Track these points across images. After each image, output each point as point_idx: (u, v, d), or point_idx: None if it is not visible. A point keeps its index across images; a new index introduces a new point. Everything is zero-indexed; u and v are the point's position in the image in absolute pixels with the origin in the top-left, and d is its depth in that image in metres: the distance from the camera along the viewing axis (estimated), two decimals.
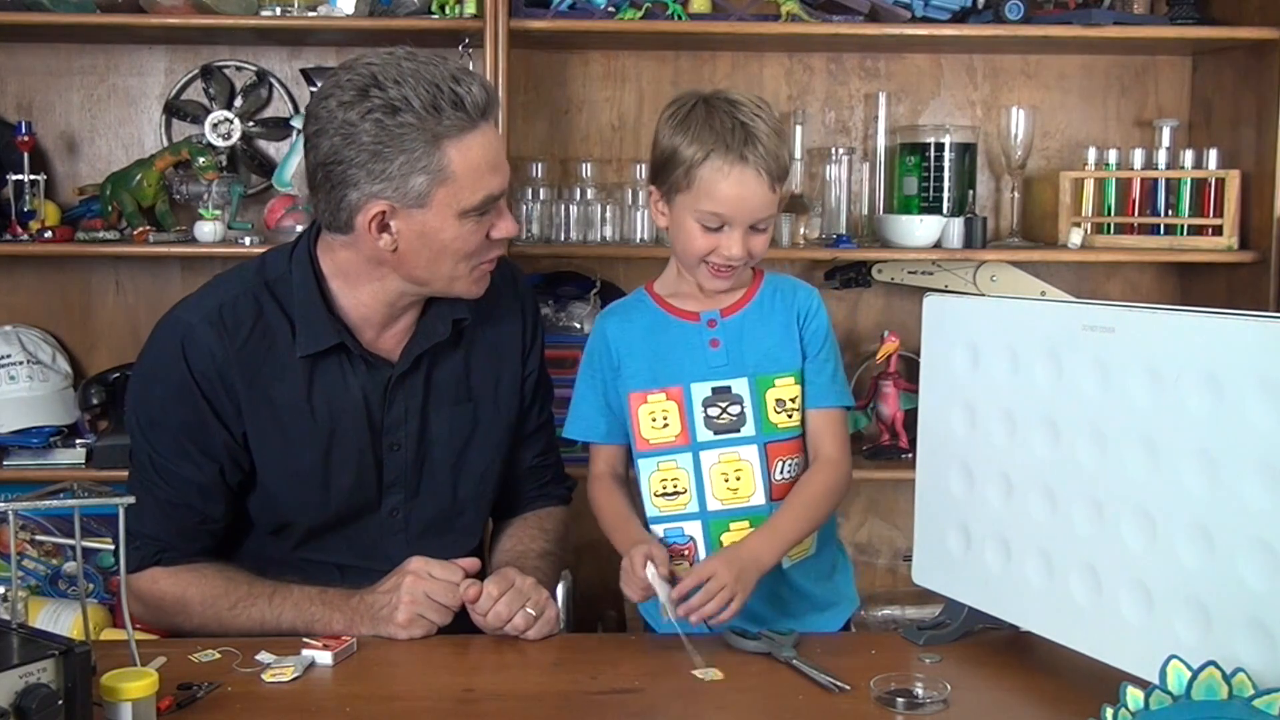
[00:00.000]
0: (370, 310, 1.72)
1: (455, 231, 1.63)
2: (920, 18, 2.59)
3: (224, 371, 1.67)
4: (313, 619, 1.64)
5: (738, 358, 1.72)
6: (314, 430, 1.71)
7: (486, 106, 1.62)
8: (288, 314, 1.70)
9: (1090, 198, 2.73)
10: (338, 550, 1.77)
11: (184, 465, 1.69)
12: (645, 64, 2.81)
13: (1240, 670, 1.12)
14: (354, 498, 1.75)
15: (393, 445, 1.75)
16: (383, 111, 1.56)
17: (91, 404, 2.58)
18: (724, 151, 1.63)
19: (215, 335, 1.67)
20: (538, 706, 1.43)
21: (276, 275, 1.72)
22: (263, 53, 2.75)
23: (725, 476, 1.71)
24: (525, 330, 1.88)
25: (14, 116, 2.68)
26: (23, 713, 1.15)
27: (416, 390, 1.76)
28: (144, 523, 1.69)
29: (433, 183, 1.59)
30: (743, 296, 1.76)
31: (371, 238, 1.63)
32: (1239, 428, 1.24)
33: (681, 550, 1.72)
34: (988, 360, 1.54)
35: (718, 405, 1.71)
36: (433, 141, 1.58)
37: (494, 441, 1.84)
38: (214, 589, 1.69)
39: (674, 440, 1.72)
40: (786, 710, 1.41)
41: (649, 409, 1.73)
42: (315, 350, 1.69)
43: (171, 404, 1.68)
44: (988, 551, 1.55)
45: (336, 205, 1.63)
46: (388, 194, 1.59)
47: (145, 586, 1.71)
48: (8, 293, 2.77)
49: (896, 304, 2.86)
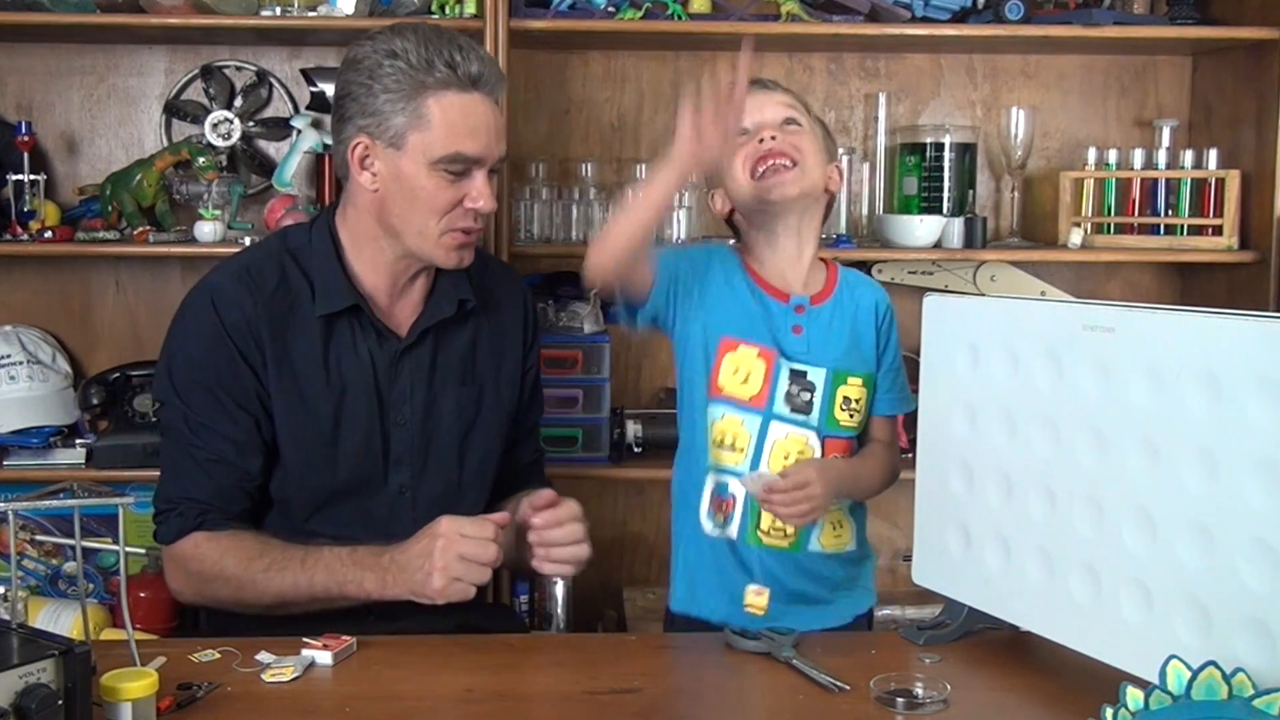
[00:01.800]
0: (378, 276, 1.82)
1: (426, 182, 1.73)
2: (920, 18, 2.59)
3: (252, 323, 1.76)
4: (345, 580, 1.66)
5: (817, 348, 1.76)
6: (327, 390, 1.78)
7: (479, 78, 1.74)
8: (308, 277, 1.81)
9: (1090, 198, 2.73)
10: (348, 525, 1.79)
11: (221, 421, 1.75)
12: (645, 64, 2.81)
13: (1240, 670, 1.12)
14: (360, 468, 1.80)
15: (399, 420, 1.82)
16: (384, 54, 1.73)
17: (91, 404, 2.58)
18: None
19: (244, 289, 1.77)
20: (538, 706, 1.44)
21: (298, 244, 1.84)
22: (263, 53, 2.75)
23: (786, 454, 1.74)
24: (527, 326, 1.96)
25: (14, 116, 2.68)
26: (23, 713, 1.15)
27: (423, 367, 1.83)
28: (184, 486, 1.76)
29: (409, 126, 1.72)
30: (825, 286, 1.80)
31: (358, 173, 1.76)
32: (1239, 427, 1.24)
33: (722, 502, 1.75)
34: (988, 360, 1.54)
35: (796, 384, 1.74)
36: (417, 88, 1.72)
37: (496, 426, 1.90)
38: (250, 552, 1.72)
39: (749, 400, 1.74)
40: (786, 710, 1.41)
41: (735, 358, 1.74)
42: (332, 310, 1.79)
43: (207, 359, 1.76)
44: (988, 551, 1.55)
45: (338, 139, 1.79)
46: (370, 129, 1.74)
47: (189, 551, 1.75)
48: (8, 293, 2.77)
49: (896, 304, 2.81)
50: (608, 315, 2.71)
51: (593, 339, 2.66)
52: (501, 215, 2.48)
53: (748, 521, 1.75)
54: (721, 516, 1.76)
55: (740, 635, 1.57)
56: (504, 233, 2.48)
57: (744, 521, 1.76)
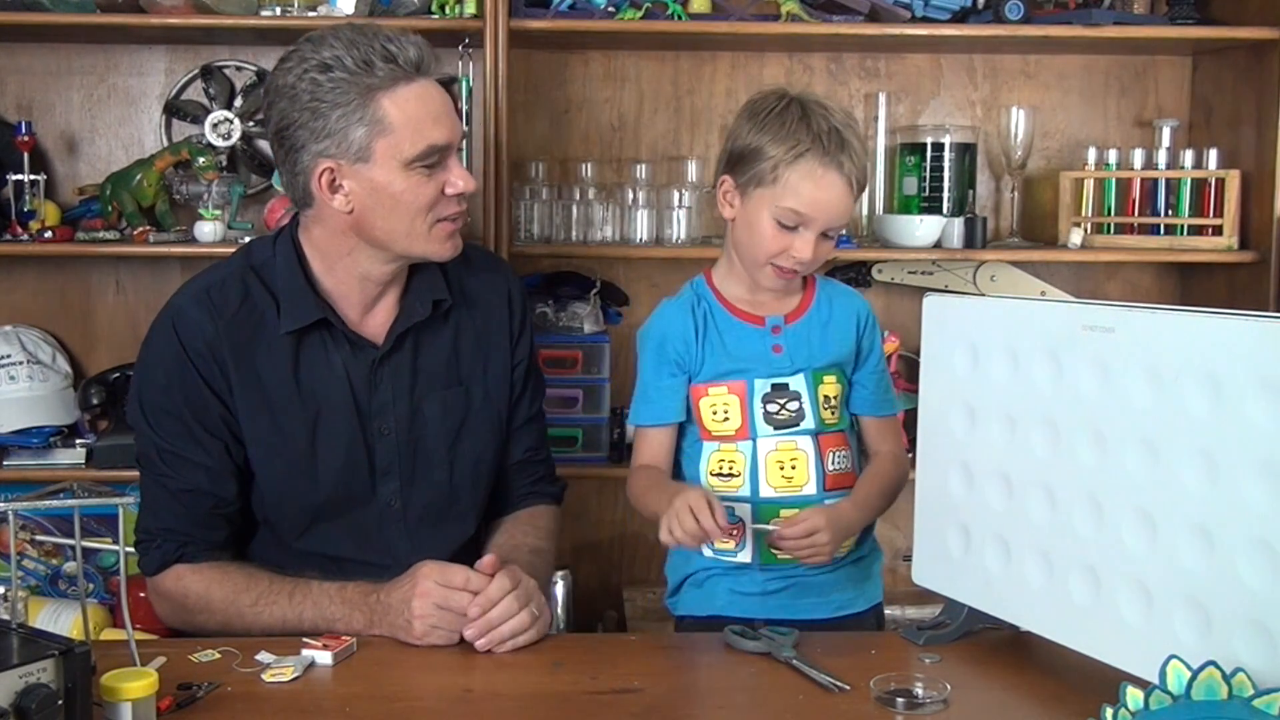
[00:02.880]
0: (348, 288, 1.76)
1: (404, 184, 1.67)
2: (920, 18, 2.59)
3: (214, 347, 1.72)
4: (334, 618, 1.64)
5: (800, 361, 1.75)
6: (301, 409, 1.74)
7: (420, 62, 1.67)
8: (273, 293, 1.75)
9: (1090, 198, 2.73)
10: (338, 542, 1.78)
11: (192, 448, 1.72)
12: (645, 64, 2.81)
13: (1240, 670, 1.12)
14: (345, 483, 1.76)
15: (382, 430, 1.78)
16: (316, 70, 1.64)
17: (91, 404, 2.58)
18: (820, 154, 1.65)
19: (204, 313, 1.73)
20: (538, 706, 1.43)
21: (261, 260, 1.78)
22: (263, 53, 2.75)
23: (781, 465, 1.74)
24: (513, 318, 1.90)
25: (14, 116, 2.68)
26: (23, 713, 1.15)
27: (403, 373, 1.78)
28: (162, 518, 1.73)
29: (371, 135, 1.65)
30: (801, 303, 1.78)
31: (327, 200, 1.68)
32: (1239, 427, 1.24)
33: (730, 529, 1.72)
34: (988, 360, 1.54)
35: (777, 401, 1.74)
36: (366, 93, 1.64)
37: (487, 427, 1.86)
38: (236, 585, 1.70)
39: (733, 434, 1.74)
40: (786, 710, 1.41)
41: (710, 402, 1.75)
42: (299, 326, 1.73)
43: (171, 386, 1.72)
44: (988, 551, 1.55)
45: (293, 173, 1.70)
46: (331, 151, 1.66)
47: (170, 585, 1.73)
48: (8, 293, 2.77)
49: (896, 304, 2.86)
50: (607, 316, 2.72)
51: (593, 339, 2.66)
52: (501, 215, 2.48)
53: (760, 542, 1.74)
54: (733, 544, 1.75)
55: (740, 635, 1.57)
56: (504, 233, 2.48)
57: (757, 543, 1.74)
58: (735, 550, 1.75)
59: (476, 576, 1.58)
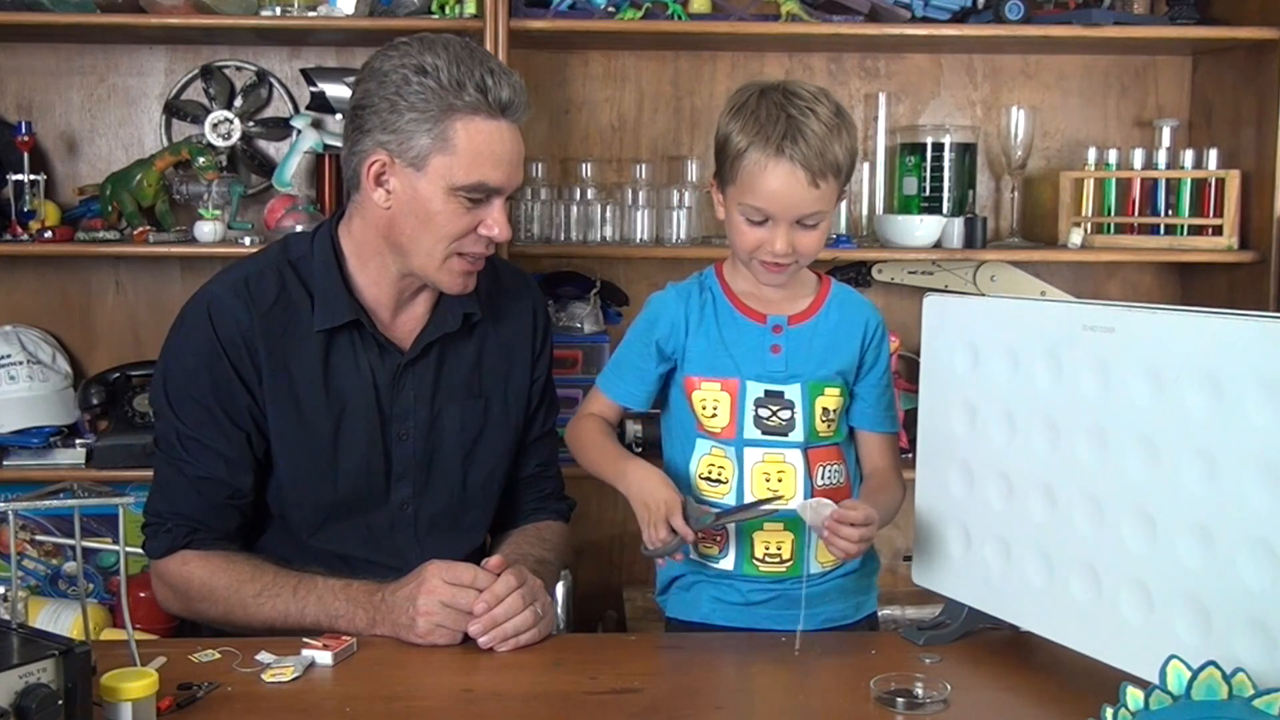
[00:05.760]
0: (380, 290, 1.77)
1: (442, 206, 1.68)
2: (920, 18, 2.59)
3: (248, 337, 1.72)
4: (337, 614, 1.63)
5: (796, 366, 1.70)
6: (326, 406, 1.75)
7: (508, 105, 1.68)
8: (309, 289, 1.76)
9: (1090, 198, 2.73)
10: (349, 542, 1.78)
11: (213, 436, 1.72)
12: (645, 64, 2.81)
13: (1240, 670, 1.12)
14: (362, 484, 1.77)
15: (401, 435, 1.79)
16: (413, 69, 1.65)
17: (91, 404, 2.58)
18: (762, 145, 1.60)
19: (241, 303, 1.73)
20: (538, 706, 1.43)
21: (299, 255, 1.79)
22: (263, 53, 2.75)
23: (767, 476, 1.69)
24: (536, 334, 1.91)
25: (14, 116, 2.68)
26: (23, 713, 1.15)
27: (426, 381, 1.79)
28: (174, 502, 1.73)
29: (433, 148, 1.66)
30: (810, 306, 1.74)
31: (370, 190, 1.70)
32: (1239, 428, 1.24)
33: (714, 536, 1.70)
34: (988, 360, 1.54)
35: (769, 407, 1.69)
36: (446, 110, 1.65)
37: (503, 440, 1.87)
38: (240, 575, 1.69)
39: (719, 432, 1.70)
40: (786, 710, 1.42)
41: (701, 395, 1.71)
42: (332, 324, 1.75)
43: (200, 372, 1.73)
44: (988, 551, 1.55)
45: (351, 151, 1.72)
46: (391, 146, 1.67)
47: (175, 569, 1.73)
48: (8, 293, 2.77)
49: (896, 304, 2.86)
50: (607, 316, 2.72)
51: (593, 339, 2.67)
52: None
53: (743, 550, 1.70)
54: (716, 549, 1.71)
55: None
56: None
57: (740, 551, 1.70)
58: (718, 557, 1.71)
59: (483, 574, 1.59)
